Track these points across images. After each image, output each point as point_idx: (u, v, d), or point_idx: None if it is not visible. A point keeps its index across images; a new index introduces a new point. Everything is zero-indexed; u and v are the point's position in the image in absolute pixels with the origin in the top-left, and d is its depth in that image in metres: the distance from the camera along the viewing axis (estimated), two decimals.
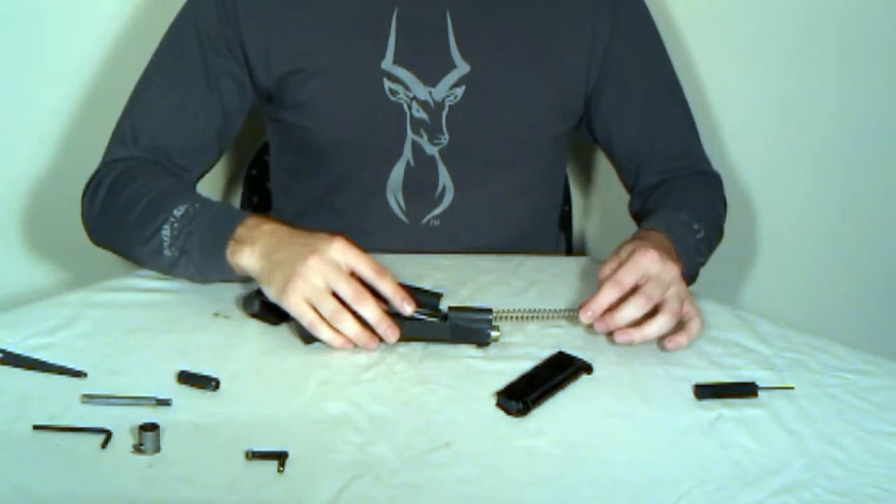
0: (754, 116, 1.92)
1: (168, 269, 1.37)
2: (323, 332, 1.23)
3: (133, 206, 1.39)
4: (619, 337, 1.26)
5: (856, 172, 1.98)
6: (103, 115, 1.55)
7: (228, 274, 1.33)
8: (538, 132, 1.55)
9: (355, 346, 1.24)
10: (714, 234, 1.54)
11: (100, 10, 1.77)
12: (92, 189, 1.46)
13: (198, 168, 1.51)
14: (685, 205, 1.51)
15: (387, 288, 1.24)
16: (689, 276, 1.42)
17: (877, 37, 1.87)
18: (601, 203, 2.03)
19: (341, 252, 1.24)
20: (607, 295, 1.26)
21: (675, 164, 1.60)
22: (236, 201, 1.87)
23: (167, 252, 1.35)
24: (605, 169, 1.91)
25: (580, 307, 1.27)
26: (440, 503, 1.02)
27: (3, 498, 0.99)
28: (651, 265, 1.27)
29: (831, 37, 1.87)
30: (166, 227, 1.34)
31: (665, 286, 1.27)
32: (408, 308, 1.25)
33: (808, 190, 1.97)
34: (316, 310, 1.23)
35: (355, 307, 1.23)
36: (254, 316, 1.30)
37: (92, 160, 1.50)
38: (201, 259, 1.33)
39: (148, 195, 1.39)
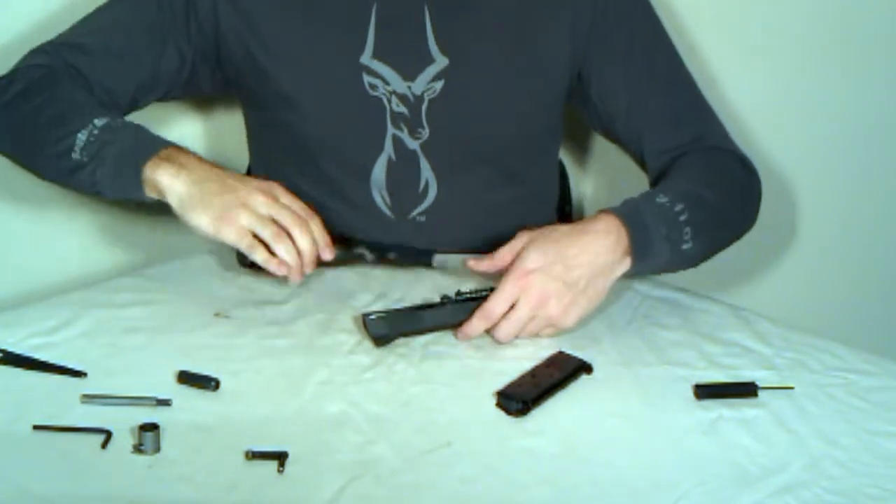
0: (757, 119, 1.91)
1: (66, 176, 1.36)
2: (259, 254, 1.30)
3: (47, 107, 1.38)
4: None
5: (856, 173, 1.98)
6: None
7: (136, 189, 1.33)
8: (518, 124, 1.53)
9: (286, 278, 1.31)
10: (705, 215, 1.39)
11: None
12: None
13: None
14: (671, 185, 1.44)
15: (316, 228, 1.34)
16: (655, 267, 1.37)
17: (882, 37, 1.88)
18: (603, 202, 2.03)
19: (282, 191, 1.34)
20: (476, 327, 1.29)
21: (676, 141, 1.52)
22: None
23: (75, 155, 1.34)
24: (604, 167, 1.91)
25: (458, 328, 1.29)
26: (440, 503, 1.02)
27: (3, 498, 0.99)
28: (525, 283, 1.28)
29: (838, 37, 1.88)
30: (84, 132, 1.34)
31: (534, 308, 1.28)
32: (328, 254, 1.33)
33: (808, 191, 1.97)
34: (255, 236, 1.30)
35: (296, 231, 1.31)
36: (251, 266, 1.36)
37: None
38: (114, 167, 1.32)
39: (68, 101, 1.39)
